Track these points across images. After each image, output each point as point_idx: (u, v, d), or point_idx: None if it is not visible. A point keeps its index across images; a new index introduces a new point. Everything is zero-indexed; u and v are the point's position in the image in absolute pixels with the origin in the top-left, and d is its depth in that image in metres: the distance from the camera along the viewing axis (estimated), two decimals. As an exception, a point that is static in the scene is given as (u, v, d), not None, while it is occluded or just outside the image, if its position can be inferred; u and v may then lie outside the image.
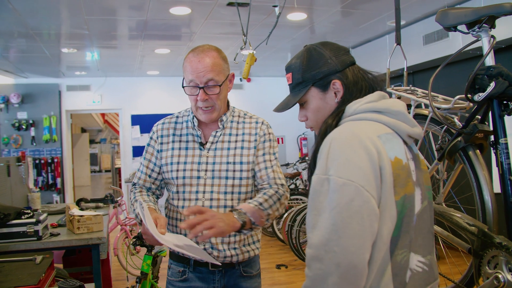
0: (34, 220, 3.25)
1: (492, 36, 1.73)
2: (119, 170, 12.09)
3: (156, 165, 2.03)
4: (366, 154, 1.19)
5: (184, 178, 1.93)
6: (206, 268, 1.96)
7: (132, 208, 1.98)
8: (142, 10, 4.99)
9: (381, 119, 1.31)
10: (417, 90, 2.21)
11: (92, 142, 15.99)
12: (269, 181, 1.94)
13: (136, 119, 9.38)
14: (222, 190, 1.91)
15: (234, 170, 1.92)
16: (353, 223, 1.13)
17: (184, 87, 1.91)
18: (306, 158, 9.04)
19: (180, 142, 1.99)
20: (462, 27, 1.81)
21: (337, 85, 1.38)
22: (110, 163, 14.49)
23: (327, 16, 5.49)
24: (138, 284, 3.32)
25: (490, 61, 1.72)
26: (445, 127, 1.95)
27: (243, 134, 1.98)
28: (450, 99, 1.97)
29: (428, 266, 1.30)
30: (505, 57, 4.75)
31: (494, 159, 1.77)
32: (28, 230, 3.22)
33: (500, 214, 1.77)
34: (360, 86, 1.38)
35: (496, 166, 1.70)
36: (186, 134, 2.00)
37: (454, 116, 1.96)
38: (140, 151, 9.34)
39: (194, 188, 1.92)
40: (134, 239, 3.35)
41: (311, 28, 6.09)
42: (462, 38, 5.06)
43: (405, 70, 2.32)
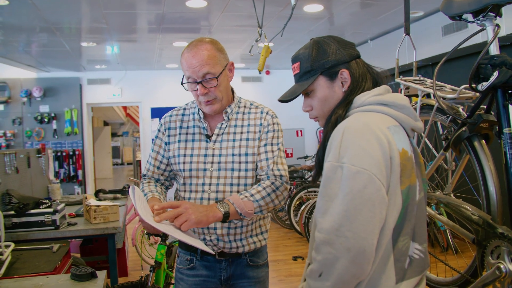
0: (52, 210, 3.34)
1: (496, 24, 1.70)
2: (140, 163, 12.25)
3: (164, 157, 2.05)
4: (378, 144, 1.23)
5: (190, 170, 1.95)
6: (213, 257, 1.98)
7: None
8: (158, 4, 5.04)
9: (388, 112, 1.35)
10: (426, 81, 2.19)
11: (114, 135, 16.19)
12: (267, 172, 1.93)
13: (155, 112, 9.47)
14: (228, 182, 1.92)
15: (240, 162, 1.93)
16: (365, 210, 1.18)
17: (183, 84, 1.92)
18: (325, 151, 8.99)
19: (187, 134, 2.01)
20: (467, 16, 1.80)
21: (345, 74, 1.41)
22: (132, 156, 14.65)
23: (345, 7, 5.46)
24: (152, 273, 3.37)
25: (494, 50, 1.71)
26: (450, 117, 1.94)
27: (249, 125, 1.98)
28: (457, 89, 1.95)
29: (423, 253, 1.34)
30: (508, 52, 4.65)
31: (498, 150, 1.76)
32: (46, 220, 3.31)
33: (504, 205, 1.75)
34: (365, 78, 1.42)
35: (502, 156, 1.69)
36: (193, 126, 2.02)
37: (460, 106, 1.95)
38: (159, 144, 9.43)
39: (200, 180, 1.94)
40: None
41: (330, 19, 6.06)
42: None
43: (414, 60, 2.30)
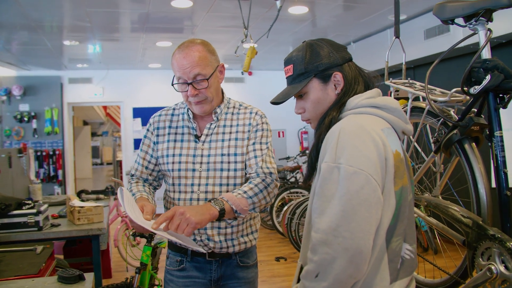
0: (35, 210, 3.29)
1: (488, 29, 1.73)
2: (121, 163, 12.13)
3: (152, 156, 2.05)
4: (374, 145, 1.25)
5: (179, 170, 1.95)
6: (203, 258, 1.98)
7: None
8: (143, 3, 4.99)
9: (380, 114, 1.37)
10: (415, 83, 2.22)
11: (94, 135, 16.01)
12: (257, 169, 1.92)
13: (137, 112, 9.39)
14: (218, 182, 1.92)
15: (229, 162, 1.93)
16: (362, 210, 1.19)
17: (173, 85, 1.91)
18: (307, 151, 9.05)
19: (176, 134, 2.00)
20: (459, 21, 1.82)
21: (338, 77, 1.43)
22: (112, 156, 14.52)
23: (329, 10, 5.49)
24: (137, 274, 3.34)
25: (486, 54, 1.73)
26: (441, 120, 1.96)
27: (237, 126, 1.98)
28: (448, 92, 1.97)
29: (413, 254, 1.37)
30: (504, 52, 4.74)
31: (489, 153, 1.79)
32: (29, 221, 3.25)
33: (494, 207, 1.78)
34: (358, 81, 1.44)
35: (491, 159, 1.72)
36: (182, 127, 2.02)
37: (451, 109, 1.97)
38: (141, 144, 9.36)
39: (189, 180, 1.94)
40: (134, 230, 3.37)
41: (313, 22, 6.09)
42: (463, 32, 5.05)
43: (403, 63, 2.33)
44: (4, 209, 3.20)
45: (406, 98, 2.21)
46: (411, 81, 2.24)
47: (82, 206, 3.53)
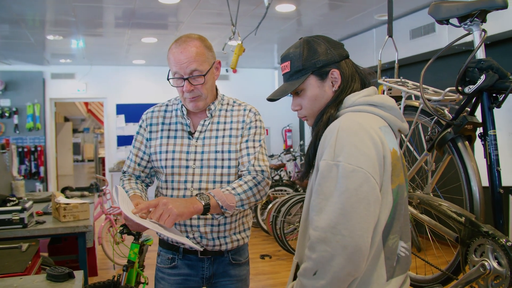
0: (19, 207, 3.23)
1: (483, 30, 1.76)
2: (103, 160, 12.00)
3: (145, 153, 2.03)
4: (372, 143, 1.26)
5: (172, 167, 1.93)
6: (195, 255, 1.97)
7: None
8: (130, -2, 4.95)
9: (378, 113, 1.38)
10: (407, 82, 2.24)
11: (75, 131, 15.79)
12: (248, 167, 1.92)
13: (121, 108, 9.30)
14: (211, 179, 1.91)
15: (223, 159, 1.92)
16: (360, 208, 1.20)
17: (169, 79, 1.90)
18: (291, 149, 9.08)
19: (169, 130, 1.99)
20: (454, 21, 1.84)
21: (335, 74, 1.42)
22: (93, 153, 14.36)
23: (315, 8, 5.51)
24: (125, 272, 3.31)
25: (480, 54, 1.76)
26: (435, 119, 1.99)
27: (231, 122, 1.98)
28: (440, 91, 2.00)
29: (408, 251, 1.39)
30: (495, 51, 4.81)
31: (480, 151, 1.82)
32: (13, 218, 3.19)
33: (487, 205, 1.81)
34: (354, 78, 1.45)
35: (484, 158, 1.74)
36: (175, 123, 2.00)
37: (444, 108, 2.00)
38: (124, 141, 9.28)
39: (182, 177, 1.92)
40: (121, 227, 3.34)
41: (299, 20, 6.10)
42: (448, 33, 5.12)
43: (396, 62, 2.35)
44: (-12, 205, 3.15)
45: (399, 97, 2.23)
46: (403, 79, 2.27)
47: (68, 203, 3.48)
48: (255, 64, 9.63)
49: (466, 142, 1.88)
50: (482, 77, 1.66)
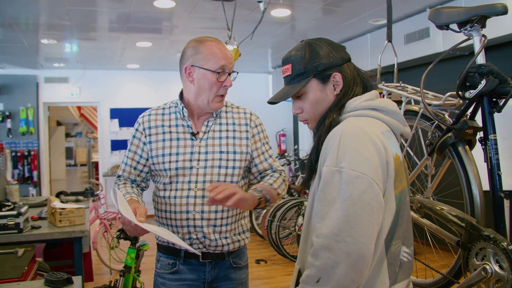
0: (15, 212, 3.20)
1: (483, 35, 1.78)
2: (96, 164, 11.93)
3: (142, 157, 2.01)
4: (375, 149, 1.25)
5: (177, 169, 1.93)
6: (197, 260, 1.96)
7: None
8: (125, 2, 4.93)
9: (380, 117, 1.37)
10: (407, 87, 2.25)
11: (67, 135, 15.72)
12: (272, 169, 2.07)
13: (115, 113, 9.25)
14: (215, 179, 1.92)
15: (228, 159, 1.93)
16: (364, 215, 1.19)
17: (210, 71, 1.90)
18: (285, 154, 9.08)
19: (170, 133, 1.98)
20: (454, 26, 1.86)
21: (337, 78, 1.41)
22: (86, 157, 14.30)
23: (310, 13, 5.52)
24: (121, 277, 3.28)
25: (481, 59, 1.77)
26: (435, 123, 2.00)
27: (234, 124, 2.01)
28: (440, 96, 2.01)
29: (411, 256, 1.38)
30: (494, 55, 4.85)
31: (480, 155, 1.83)
32: (9, 223, 3.16)
33: (487, 208, 1.82)
34: (356, 82, 1.43)
35: (484, 162, 1.75)
36: (176, 125, 1.99)
37: (444, 112, 2.01)
38: (118, 145, 9.24)
39: (186, 178, 1.92)
40: (118, 232, 3.32)
41: (293, 25, 6.11)
42: (443, 38, 5.15)
43: (395, 67, 2.36)
44: (-17, 210, 3.12)
45: (399, 101, 2.24)
46: (403, 84, 2.28)
47: (64, 208, 3.46)
48: (250, 68, 9.62)
49: (467, 146, 1.89)
50: (483, 82, 1.67)
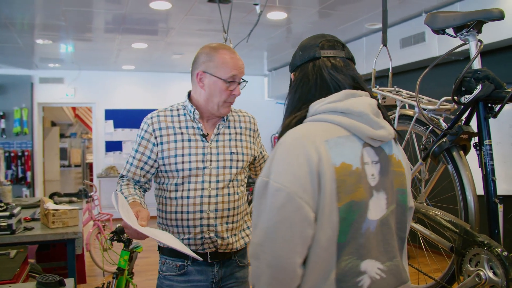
0: (7, 213, 3.18)
1: (479, 40, 1.78)
2: (90, 165, 11.89)
3: (150, 158, 2.01)
4: (306, 160, 1.18)
5: (190, 169, 1.96)
6: (205, 261, 1.99)
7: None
8: (121, 3, 4.92)
9: (339, 121, 1.25)
10: (402, 91, 2.25)
11: (62, 136, 15.66)
12: (265, 159, 2.22)
13: (110, 114, 9.22)
14: (227, 178, 1.99)
15: (238, 160, 2.03)
16: (283, 228, 1.15)
17: (221, 80, 1.96)
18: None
19: (182, 134, 2.01)
20: (450, 31, 1.86)
21: (292, 78, 1.41)
22: (80, 158, 14.26)
23: (306, 16, 5.52)
24: (114, 280, 3.27)
25: (476, 64, 1.77)
26: (430, 128, 2.00)
27: (240, 127, 2.11)
28: (435, 101, 2.01)
29: (387, 272, 1.26)
30: (490, 60, 4.87)
31: (475, 160, 1.83)
32: (1, 224, 3.14)
33: (482, 214, 1.82)
34: (316, 82, 1.33)
35: (479, 167, 1.75)
36: (186, 127, 2.03)
37: (439, 117, 2.01)
38: (113, 146, 9.21)
39: (200, 178, 1.97)
40: (111, 234, 3.31)
41: (289, 28, 6.12)
42: (438, 42, 5.17)
43: (390, 71, 2.36)
44: (-25, 211, 3.09)
45: (393, 106, 2.24)
46: (398, 88, 2.28)
47: (57, 209, 3.44)
48: (245, 70, 9.46)
49: (461, 151, 1.89)
50: (479, 87, 1.67)
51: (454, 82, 1.77)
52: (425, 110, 1.98)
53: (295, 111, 1.34)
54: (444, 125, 1.95)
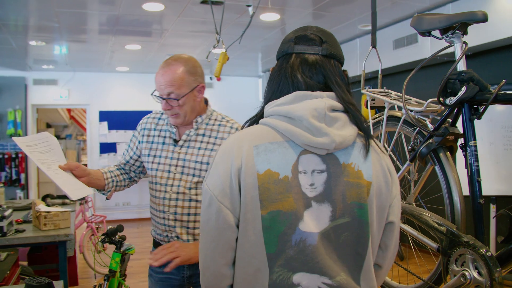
0: (-2, 215, 3.17)
1: (464, 42, 1.79)
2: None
3: (135, 153, 2.20)
4: (230, 165, 1.18)
5: (157, 170, 2.09)
6: None
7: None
8: (114, 5, 4.92)
9: (276, 125, 1.20)
10: (391, 93, 2.26)
11: (57, 138, 15.65)
12: None
13: (104, 115, 9.21)
14: (188, 185, 2.04)
15: (201, 170, 2.03)
16: (207, 228, 1.21)
17: (152, 94, 2.05)
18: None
19: (158, 137, 2.14)
20: (436, 33, 1.87)
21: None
22: (75, 160, 14.24)
23: (299, 17, 5.54)
24: (106, 282, 3.27)
25: (461, 66, 1.79)
26: (417, 129, 2.01)
27: (216, 138, 2.08)
28: (423, 102, 2.02)
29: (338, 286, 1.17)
30: (476, 62, 4.90)
31: (461, 161, 1.84)
32: (-8, 226, 3.13)
33: (467, 215, 1.83)
34: (280, 81, 1.27)
35: (465, 168, 1.76)
36: (165, 130, 2.14)
37: (426, 118, 2.02)
38: (107, 148, 9.21)
39: (163, 180, 2.07)
40: (103, 236, 3.30)
41: (282, 29, 6.13)
42: (431, 43, 5.19)
43: (379, 72, 2.37)
44: (-34, 214, 3.08)
45: (381, 107, 2.25)
46: (387, 90, 2.29)
47: (49, 211, 3.43)
48: (239, 72, 9.62)
49: (448, 152, 1.90)
50: (463, 88, 1.68)
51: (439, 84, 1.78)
52: (412, 111, 1.99)
53: (259, 111, 1.32)
54: (430, 126, 1.96)
